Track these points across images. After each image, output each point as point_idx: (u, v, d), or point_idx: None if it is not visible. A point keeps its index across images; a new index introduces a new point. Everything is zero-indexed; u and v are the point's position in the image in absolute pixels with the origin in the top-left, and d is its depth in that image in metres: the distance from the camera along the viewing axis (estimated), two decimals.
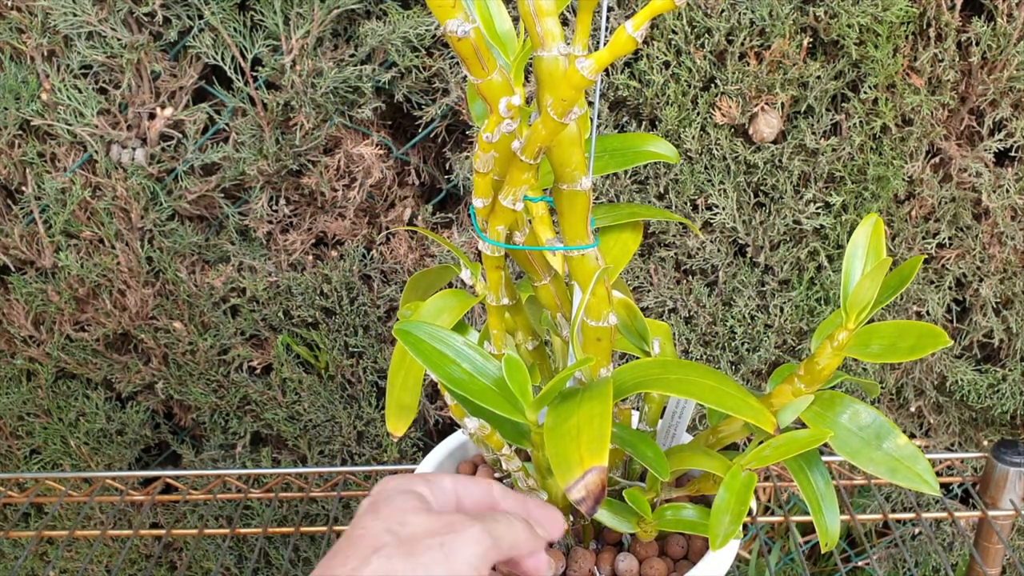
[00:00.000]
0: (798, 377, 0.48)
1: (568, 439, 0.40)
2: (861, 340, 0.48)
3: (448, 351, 0.45)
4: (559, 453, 0.39)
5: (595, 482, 0.38)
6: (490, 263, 0.48)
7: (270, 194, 0.86)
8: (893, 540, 1.05)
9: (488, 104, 0.40)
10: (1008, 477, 0.77)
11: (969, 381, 0.91)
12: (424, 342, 0.45)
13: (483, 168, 0.42)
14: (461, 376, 0.44)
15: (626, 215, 0.55)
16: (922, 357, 0.49)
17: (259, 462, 0.97)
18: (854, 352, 0.47)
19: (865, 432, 0.49)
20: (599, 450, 0.38)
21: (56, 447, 0.96)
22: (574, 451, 0.39)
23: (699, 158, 0.82)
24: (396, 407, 0.54)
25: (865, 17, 0.75)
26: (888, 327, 0.48)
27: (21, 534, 0.86)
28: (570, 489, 0.37)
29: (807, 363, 0.48)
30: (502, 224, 0.45)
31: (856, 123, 0.81)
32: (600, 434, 0.39)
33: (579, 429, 0.40)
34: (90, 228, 0.86)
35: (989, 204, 0.84)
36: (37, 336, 0.90)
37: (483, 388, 0.44)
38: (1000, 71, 0.79)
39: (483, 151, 0.41)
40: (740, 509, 0.46)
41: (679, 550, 0.54)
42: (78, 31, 0.78)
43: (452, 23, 0.36)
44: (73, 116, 0.81)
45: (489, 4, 0.46)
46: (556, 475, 0.38)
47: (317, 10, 0.77)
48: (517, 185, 0.43)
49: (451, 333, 0.46)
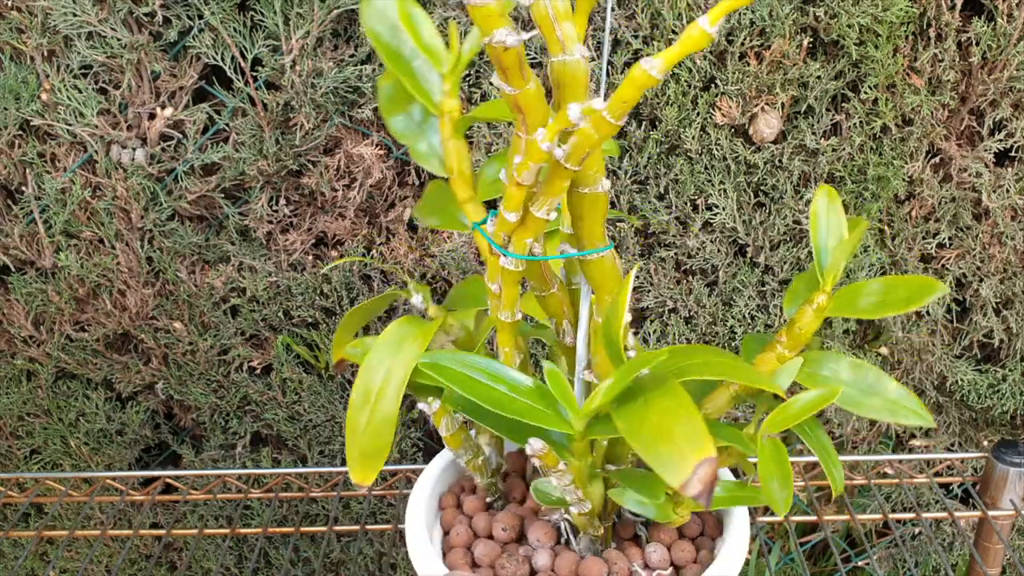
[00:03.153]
0: (780, 344, 0.50)
1: (658, 439, 0.39)
2: (846, 298, 0.49)
3: (481, 376, 0.45)
4: (655, 455, 0.38)
5: (708, 474, 0.37)
6: (510, 279, 0.47)
7: (270, 194, 0.86)
8: (893, 540, 1.05)
9: (522, 114, 0.39)
10: (1008, 477, 0.77)
11: (969, 381, 0.91)
12: (456, 371, 0.44)
13: (528, 180, 0.41)
14: (501, 398, 0.44)
15: None
16: (918, 308, 0.51)
17: (259, 462, 0.97)
18: (842, 311, 0.49)
19: (858, 383, 0.50)
20: (703, 442, 0.38)
21: (56, 447, 0.96)
22: (673, 450, 0.38)
23: (699, 158, 0.82)
24: (362, 454, 0.49)
25: (865, 17, 0.75)
26: (876, 283, 0.50)
27: (21, 534, 0.86)
28: (685, 486, 0.37)
29: (788, 329, 0.49)
30: (531, 236, 0.45)
31: (856, 123, 0.81)
32: (694, 427, 0.39)
33: (666, 427, 0.39)
34: (90, 228, 0.86)
35: (989, 204, 0.84)
36: (37, 336, 0.90)
37: (525, 406, 0.44)
38: (1000, 71, 0.79)
39: (534, 160, 0.40)
40: (784, 472, 0.48)
41: (695, 528, 0.55)
42: (78, 31, 0.78)
43: (500, 32, 0.36)
44: (73, 116, 0.81)
45: (412, 12, 0.46)
46: (663, 475, 0.38)
47: (317, 10, 0.77)
48: (555, 194, 0.42)
49: (477, 356, 0.46)
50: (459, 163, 0.49)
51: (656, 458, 0.38)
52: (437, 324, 0.50)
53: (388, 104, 0.51)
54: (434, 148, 0.51)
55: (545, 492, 0.50)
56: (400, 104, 0.51)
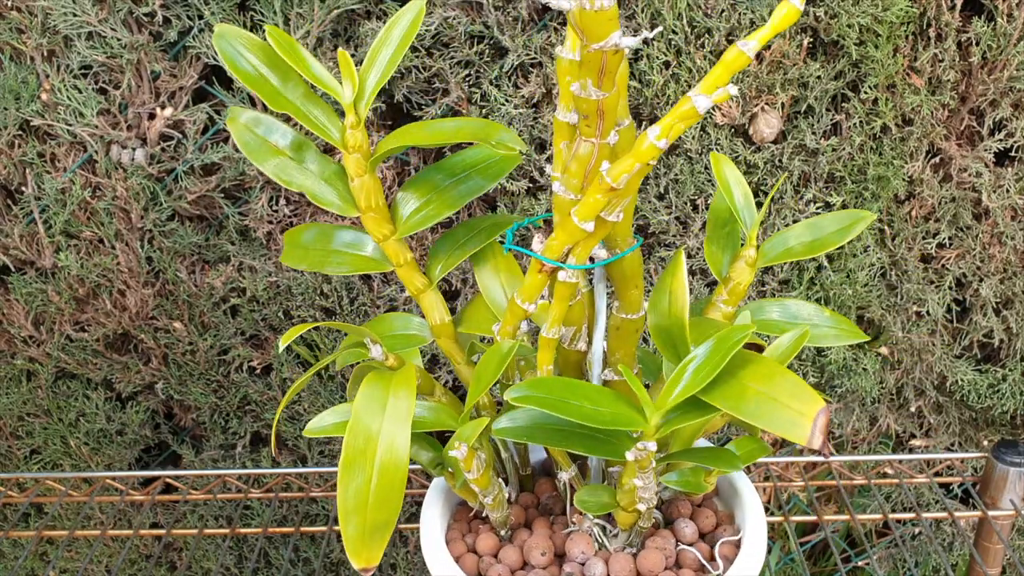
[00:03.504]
0: (721, 301, 0.52)
1: (768, 406, 0.41)
2: (778, 245, 0.53)
3: (569, 397, 0.45)
4: (771, 420, 0.40)
5: (824, 424, 0.39)
6: (566, 293, 0.46)
7: (270, 194, 0.86)
8: (893, 540, 1.05)
9: (601, 119, 0.39)
10: (1008, 477, 0.77)
11: (969, 381, 0.91)
12: (548, 398, 0.44)
13: (623, 183, 0.40)
14: (590, 411, 0.44)
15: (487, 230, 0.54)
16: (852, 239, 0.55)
17: (259, 462, 0.97)
18: (778, 259, 0.52)
19: (802, 319, 0.54)
20: (811, 397, 0.40)
21: (56, 447, 0.96)
22: (786, 411, 0.40)
23: (699, 158, 0.82)
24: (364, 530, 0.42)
25: (865, 17, 0.75)
26: (797, 226, 0.53)
27: (21, 534, 0.86)
28: (810, 440, 0.39)
29: (725, 287, 0.52)
30: (597, 243, 0.44)
31: (856, 123, 0.81)
32: (796, 385, 0.41)
33: (771, 393, 0.41)
34: (90, 228, 0.86)
35: (989, 204, 0.84)
36: (37, 336, 0.90)
37: (610, 414, 0.44)
38: (1000, 71, 0.79)
39: (643, 160, 0.39)
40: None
41: (699, 497, 0.58)
42: (78, 31, 0.78)
43: (615, 36, 0.36)
44: (73, 116, 0.81)
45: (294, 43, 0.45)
46: (786, 436, 0.40)
47: (317, 10, 0.77)
48: (630, 194, 0.42)
49: (550, 379, 0.46)
50: (374, 199, 0.47)
51: (772, 423, 0.40)
52: (412, 370, 0.47)
53: (257, 151, 0.48)
54: (334, 188, 0.49)
55: (596, 500, 0.51)
56: (270, 148, 0.49)
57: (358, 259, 0.52)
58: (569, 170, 0.42)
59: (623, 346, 0.51)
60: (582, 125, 0.40)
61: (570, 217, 0.43)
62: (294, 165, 0.49)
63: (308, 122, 0.46)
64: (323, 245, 0.52)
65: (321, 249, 0.52)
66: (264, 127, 0.49)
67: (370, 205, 0.48)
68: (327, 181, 0.49)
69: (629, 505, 0.50)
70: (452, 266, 0.54)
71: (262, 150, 0.48)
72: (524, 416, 0.47)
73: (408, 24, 0.47)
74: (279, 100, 0.46)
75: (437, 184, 0.52)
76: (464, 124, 0.50)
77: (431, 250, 0.55)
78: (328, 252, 0.52)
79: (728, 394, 0.42)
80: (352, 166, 0.47)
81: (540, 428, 0.47)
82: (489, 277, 0.55)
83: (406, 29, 0.47)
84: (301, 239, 0.53)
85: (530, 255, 0.45)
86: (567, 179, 0.43)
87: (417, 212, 0.51)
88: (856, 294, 0.87)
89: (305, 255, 0.52)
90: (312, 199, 0.48)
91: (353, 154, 0.47)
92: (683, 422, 0.44)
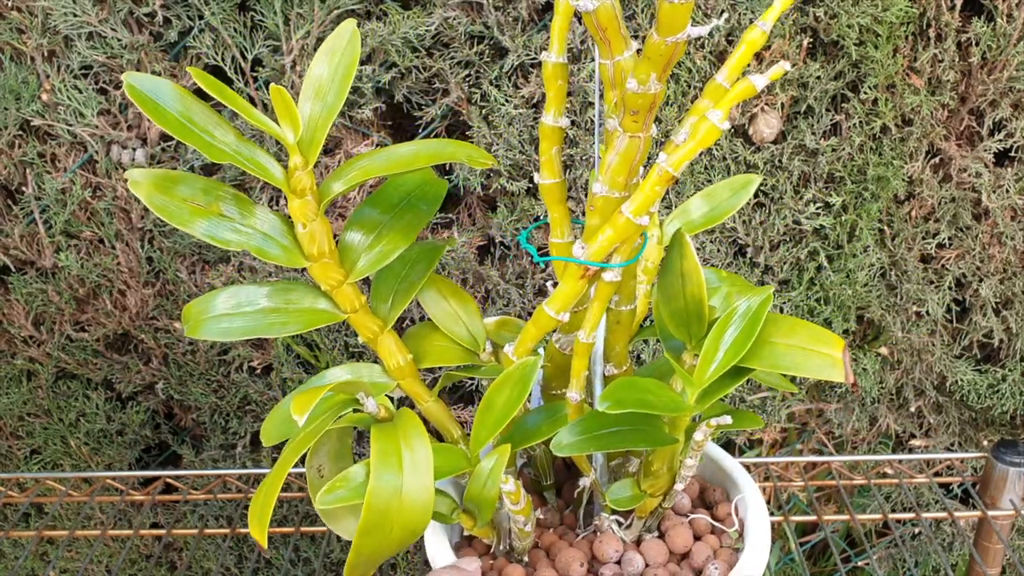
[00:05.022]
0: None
1: (801, 356, 0.45)
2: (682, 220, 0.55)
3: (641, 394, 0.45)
4: (808, 368, 0.44)
5: (849, 358, 0.44)
6: (609, 293, 0.46)
7: (270, 194, 0.86)
8: (893, 540, 1.05)
9: (651, 112, 0.40)
10: (1008, 477, 0.77)
11: (969, 381, 0.91)
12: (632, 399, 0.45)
13: (681, 171, 0.41)
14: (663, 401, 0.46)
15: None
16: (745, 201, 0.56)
17: (259, 462, 0.97)
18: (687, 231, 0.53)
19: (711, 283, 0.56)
20: (832, 339, 0.45)
21: (56, 447, 0.96)
22: (818, 358, 0.44)
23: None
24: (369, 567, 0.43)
25: (865, 17, 0.75)
26: (694, 199, 0.55)
27: (21, 534, 0.86)
28: (846, 376, 0.43)
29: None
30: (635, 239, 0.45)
31: (856, 123, 0.81)
32: (817, 332, 0.45)
33: (799, 345, 0.45)
34: (90, 228, 0.86)
35: (989, 204, 0.84)
36: (37, 336, 0.90)
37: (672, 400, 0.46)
38: (1000, 71, 0.79)
39: (705, 144, 0.40)
40: None
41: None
42: (78, 31, 0.78)
43: (689, 28, 0.37)
44: (73, 116, 0.81)
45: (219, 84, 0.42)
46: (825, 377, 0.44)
47: (317, 10, 0.77)
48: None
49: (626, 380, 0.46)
50: (327, 244, 0.44)
51: (810, 369, 0.44)
52: (415, 418, 0.46)
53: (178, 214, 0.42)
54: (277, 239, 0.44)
55: (627, 495, 0.51)
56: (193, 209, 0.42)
57: (305, 314, 0.47)
58: (614, 169, 0.42)
59: (621, 339, 0.52)
60: (628, 122, 0.41)
61: (617, 216, 0.43)
62: (227, 223, 0.43)
63: (253, 167, 0.42)
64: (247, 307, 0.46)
65: (247, 312, 0.46)
66: (181, 185, 0.43)
67: (322, 251, 0.44)
68: (268, 233, 0.44)
69: (656, 491, 0.51)
70: (404, 304, 0.50)
71: (184, 212, 0.42)
72: (580, 428, 0.47)
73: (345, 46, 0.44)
74: (214, 149, 0.42)
75: (380, 219, 0.48)
76: (420, 148, 0.47)
77: (372, 289, 0.51)
78: (262, 313, 0.46)
79: (762, 354, 0.45)
80: (300, 211, 0.43)
81: (597, 436, 0.46)
82: (436, 304, 0.53)
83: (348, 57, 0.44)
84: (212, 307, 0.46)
85: (580, 263, 0.44)
86: (612, 178, 0.42)
87: (369, 251, 0.47)
88: (856, 294, 0.87)
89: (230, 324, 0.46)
90: (258, 255, 0.43)
91: (301, 198, 0.43)
92: (724, 391, 0.46)
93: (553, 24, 0.43)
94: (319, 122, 0.43)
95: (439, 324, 0.53)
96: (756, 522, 0.53)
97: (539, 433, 0.50)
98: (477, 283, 0.88)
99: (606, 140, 0.44)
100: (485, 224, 0.88)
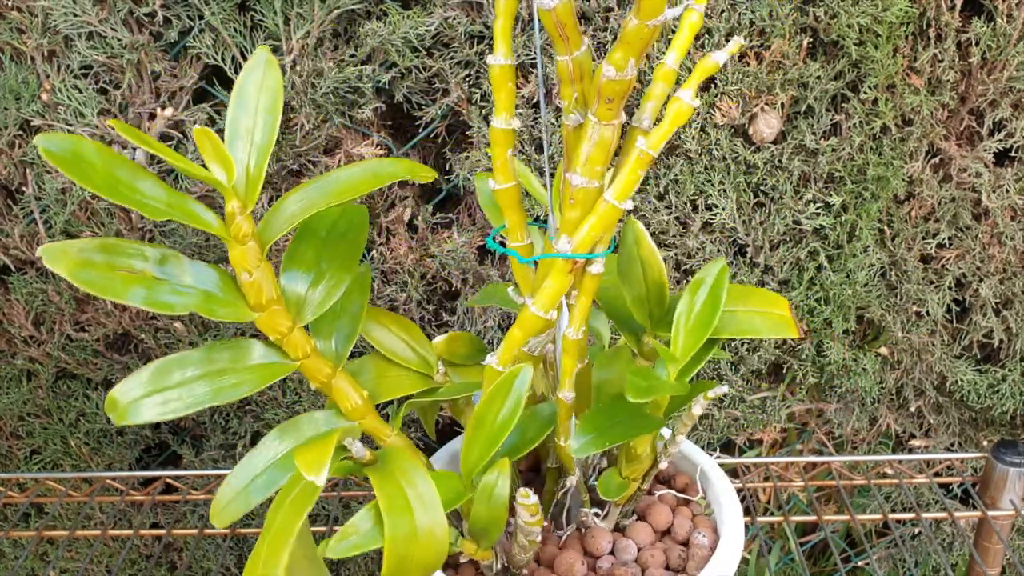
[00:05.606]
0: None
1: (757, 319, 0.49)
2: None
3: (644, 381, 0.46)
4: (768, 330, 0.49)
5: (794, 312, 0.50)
6: (594, 286, 0.46)
7: (270, 194, 0.86)
8: (893, 540, 1.05)
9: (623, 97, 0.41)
10: (1008, 477, 0.77)
11: (969, 381, 0.91)
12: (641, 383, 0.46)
13: (658, 152, 0.43)
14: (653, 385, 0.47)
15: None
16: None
17: None
18: None
19: None
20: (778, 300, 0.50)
21: (56, 447, 0.96)
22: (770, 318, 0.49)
23: (699, 158, 0.82)
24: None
25: (865, 17, 0.75)
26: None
27: (21, 534, 0.86)
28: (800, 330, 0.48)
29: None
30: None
31: (856, 123, 0.81)
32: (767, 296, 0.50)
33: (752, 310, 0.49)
34: (90, 228, 0.86)
35: (989, 204, 0.84)
36: (37, 336, 0.90)
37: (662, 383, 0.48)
38: (1000, 71, 0.79)
39: (679, 123, 0.41)
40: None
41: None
42: (78, 31, 0.78)
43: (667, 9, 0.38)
44: (73, 116, 0.81)
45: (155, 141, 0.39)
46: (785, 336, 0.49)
47: (317, 10, 0.77)
48: None
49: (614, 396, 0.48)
50: (275, 289, 0.41)
51: (770, 331, 0.48)
52: (409, 452, 0.45)
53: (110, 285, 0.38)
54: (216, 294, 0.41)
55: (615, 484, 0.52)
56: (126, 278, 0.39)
57: (256, 371, 0.43)
58: (591, 159, 0.42)
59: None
60: (603, 111, 0.41)
61: (600, 203, 0.43)
62: (164, 285, 0.40)
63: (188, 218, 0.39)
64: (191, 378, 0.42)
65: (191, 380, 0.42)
66: (102, 253, 0.39)
67: (270, 299, 0.41)
68: (208, 290, 0.41)
69: (637, 475, 0.52)
70: (353, 340, 0.47)
71: (116, 282, 0.38)
72: (585, 428, 0.47)
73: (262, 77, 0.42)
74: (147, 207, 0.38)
75: (315, 254, 0.46)
76: (356, 173, 0.44)
77: (312, 330, 0.48)
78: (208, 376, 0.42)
79: (726, 322, 0.48)
80: (243, 259, 0.40)
81: (605, 432, 0.47)
82: (380, 333, 0.51)
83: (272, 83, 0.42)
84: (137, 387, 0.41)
85: (568, 257, 0.44)
86: (590, 169, 0.43)
87: (314, 288, 0.45)
88: (856, 294, 0.87)
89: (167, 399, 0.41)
90: (206, 315, 0.40)
91: (243, 244, 0.40)
92: (699, 364, 0.47)
93: (496, 25, 0.42)
94: (254, 162, 0.41)
95: (389, 353, 0.51)
96: (719, 483, 0.57)
97: (531, 440, 0.49)
98: (477, 283, 0.88)
99: (568, 135, 0.44)
100: (485, 224, 0.88)
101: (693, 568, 0.53)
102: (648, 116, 0.44)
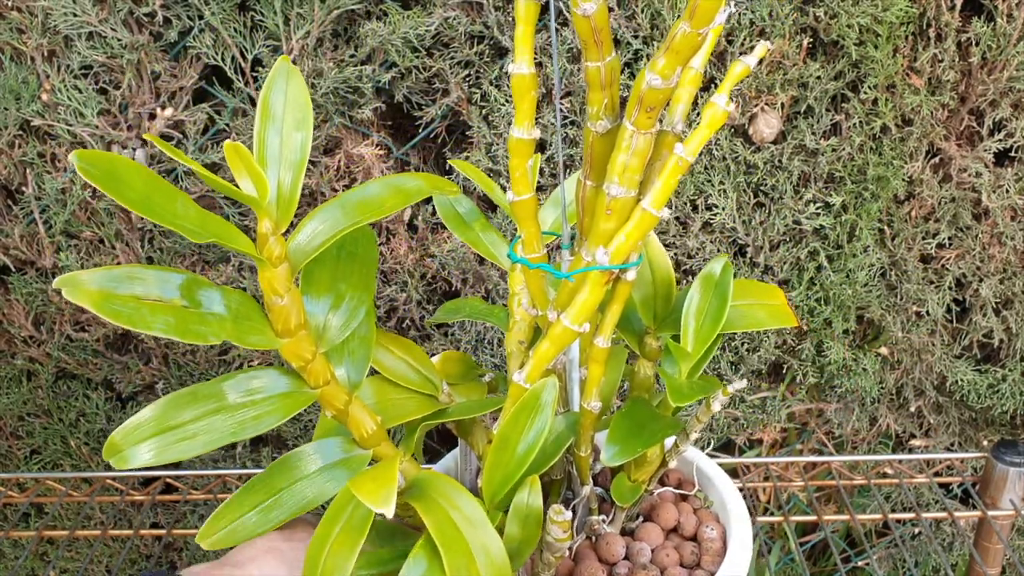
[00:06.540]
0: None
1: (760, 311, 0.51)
2: None
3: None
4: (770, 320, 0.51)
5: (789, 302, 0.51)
6: (626, 293, 0.46)
7: None
8: (893, 540, 1.05)
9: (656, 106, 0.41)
10: (1008, 477, 0.77)
11: (969, 381, 0.91)
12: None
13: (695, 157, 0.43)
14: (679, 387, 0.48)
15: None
16: None
17: (259, 462, 0.97)
18: None
19: None
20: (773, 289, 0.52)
21: (56, 447, 0.96)
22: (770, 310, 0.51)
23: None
24: None
25: (865, 17, 0.75)
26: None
27: (21, 534, 0.86)
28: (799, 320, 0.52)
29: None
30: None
31: (856, 123, 0.81)
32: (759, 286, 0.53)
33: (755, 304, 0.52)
34: (90, 228, 0.86)
35: (989, 204, 0.84)
36: (37, 336, 0.90)
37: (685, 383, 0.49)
38: (1000, 71, 0.79)
39: (714, 127, 0.41)
40: None
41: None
42: (78, 31, 0.78)
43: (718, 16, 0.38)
44: (73, 116, 0.81)
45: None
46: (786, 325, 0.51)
47: (317, 10, 0.77)
48: None
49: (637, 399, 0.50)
50: (302, 314, 0.40)
51: (771, 322, 0.50)
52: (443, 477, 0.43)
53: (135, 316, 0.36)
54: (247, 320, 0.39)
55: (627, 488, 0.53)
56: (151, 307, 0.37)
57: (278, 400, 0.41)
58: (631, 168, 0.42)
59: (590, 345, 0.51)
60: (642, 120, 0.40)
61: (636, 211, 0.42)
62: (193, 316, 0.38)
63: (223, 238, 0.37)
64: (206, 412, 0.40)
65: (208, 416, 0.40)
66: (127, 283, 0.37)
67: (298, 324, 0.39)
68: (239, 315, 0.39)
69: (645, 478, 0.53)
70: (367, 364, 0.45)
71: (144, 313, 0.36)
72: (613, 437, 0.46)
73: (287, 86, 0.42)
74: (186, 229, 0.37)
75: (331, 275, 0.44)
76: (384, 189, 0.43)
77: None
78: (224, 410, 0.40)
79: (732, 317, 0.49)
80: (276, 282, 0.38)
81: (634, 437, 0.46)
82: (382, 355, 0.49)
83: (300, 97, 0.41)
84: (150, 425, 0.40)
85: (607, 269, 0.43)
86: (629, 178, 0.42)
87: (333, 312, 0.43)
88: (856, 294, 0.87)
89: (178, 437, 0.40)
90: (238, 343, 0.38)
91: (276, 267, 0.38)
92: (706, 360, 0.48)
93: (516, 32, 0.41)
94: (288, 180, 0.40)
95: (393, 377, 0.49)
96: (717, 476, 0.57)
97: (550, 455, 0.48)
98: (477, 283, 0.88)
99: (594, 141, 0.43)
100: None
101: (709, 563, 0.53)
102: (680, 120, 0.43)
